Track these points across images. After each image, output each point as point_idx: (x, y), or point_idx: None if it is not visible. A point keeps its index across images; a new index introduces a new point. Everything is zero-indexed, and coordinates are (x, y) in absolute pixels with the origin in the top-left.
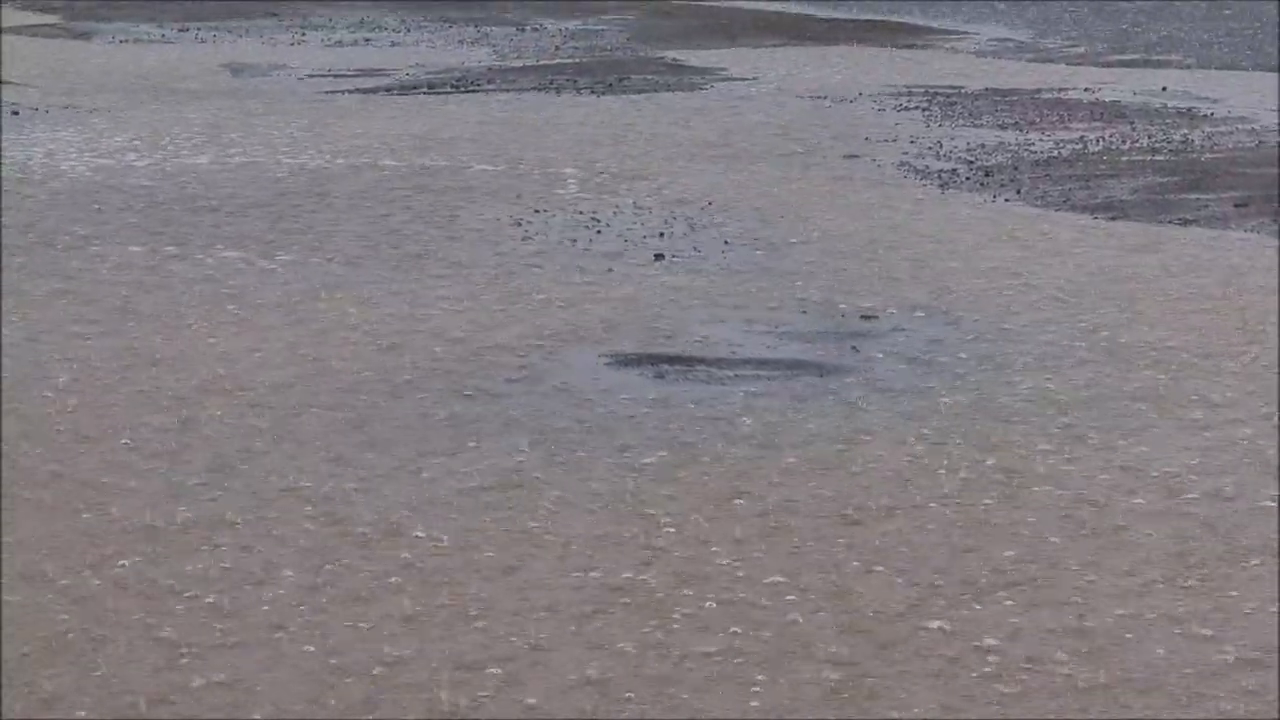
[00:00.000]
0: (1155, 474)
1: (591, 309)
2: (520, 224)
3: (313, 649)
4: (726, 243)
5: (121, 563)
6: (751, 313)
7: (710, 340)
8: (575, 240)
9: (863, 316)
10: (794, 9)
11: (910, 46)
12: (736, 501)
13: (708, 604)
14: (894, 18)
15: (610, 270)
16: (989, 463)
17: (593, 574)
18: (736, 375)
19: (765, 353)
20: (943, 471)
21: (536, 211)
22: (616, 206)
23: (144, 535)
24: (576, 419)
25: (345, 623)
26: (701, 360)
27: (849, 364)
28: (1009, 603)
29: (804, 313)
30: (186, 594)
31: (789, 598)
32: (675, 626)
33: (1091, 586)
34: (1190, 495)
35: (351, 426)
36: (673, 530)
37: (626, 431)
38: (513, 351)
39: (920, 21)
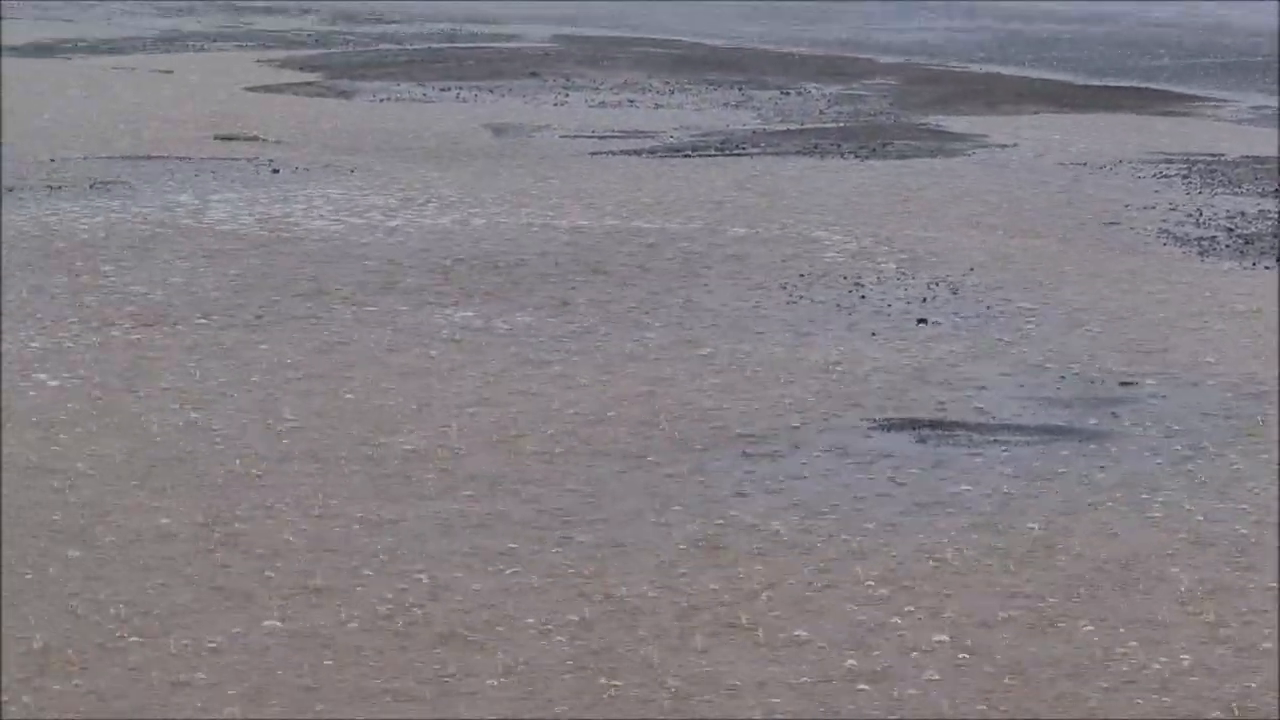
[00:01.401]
0: None
1: (856, 372)
2: (785, 288)
3: None
4: (987, 308)
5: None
6: (1011, 378)
7: (971, 405)
8: (839, 305)
9: (1122, 383)
10: (1052, 76)
11: (1169, 114)
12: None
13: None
14: (1153, 85)
15: (874, 334)
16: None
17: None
18: (995, 440)
19: (1026, 419)
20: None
21: (800, 276)
22: (879, 271)
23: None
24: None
25: None
26: (962, 425)
27: (1107, 429)
28: None
29: (1062, 378)
30: None
31: None
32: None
33: None
34: None
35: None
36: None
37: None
38: (780, 417)
39: (1179, 89)
